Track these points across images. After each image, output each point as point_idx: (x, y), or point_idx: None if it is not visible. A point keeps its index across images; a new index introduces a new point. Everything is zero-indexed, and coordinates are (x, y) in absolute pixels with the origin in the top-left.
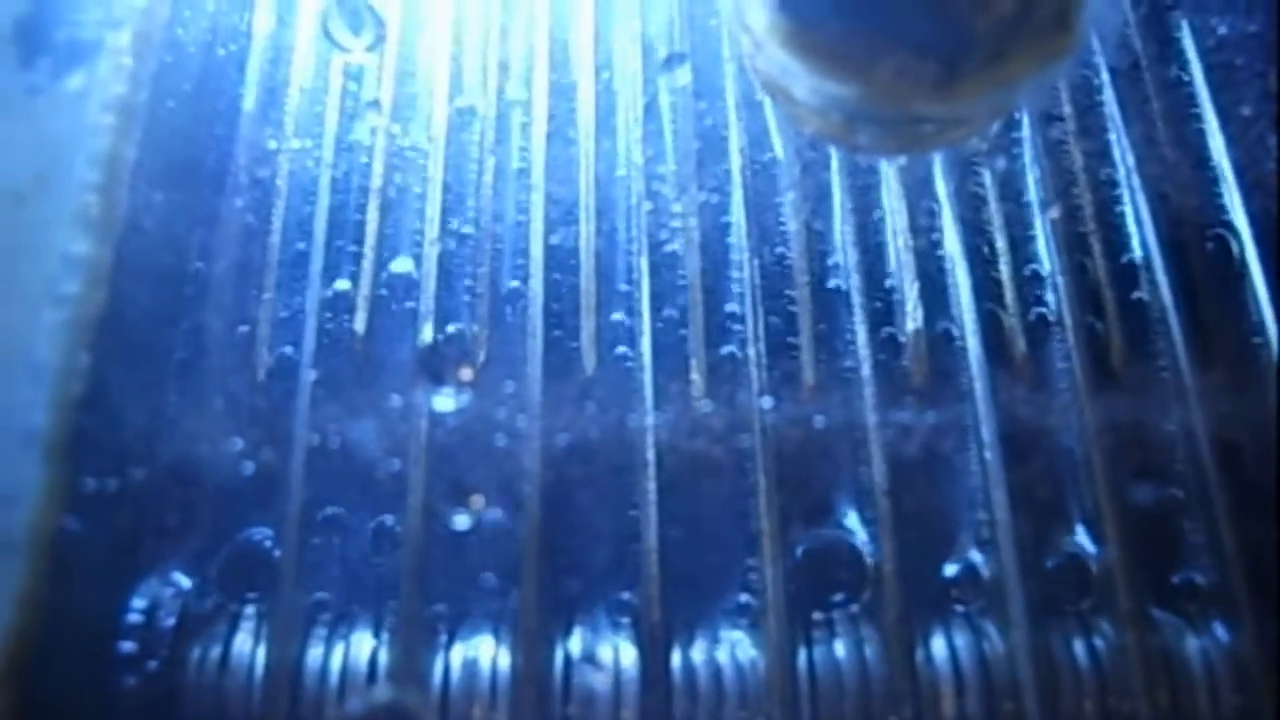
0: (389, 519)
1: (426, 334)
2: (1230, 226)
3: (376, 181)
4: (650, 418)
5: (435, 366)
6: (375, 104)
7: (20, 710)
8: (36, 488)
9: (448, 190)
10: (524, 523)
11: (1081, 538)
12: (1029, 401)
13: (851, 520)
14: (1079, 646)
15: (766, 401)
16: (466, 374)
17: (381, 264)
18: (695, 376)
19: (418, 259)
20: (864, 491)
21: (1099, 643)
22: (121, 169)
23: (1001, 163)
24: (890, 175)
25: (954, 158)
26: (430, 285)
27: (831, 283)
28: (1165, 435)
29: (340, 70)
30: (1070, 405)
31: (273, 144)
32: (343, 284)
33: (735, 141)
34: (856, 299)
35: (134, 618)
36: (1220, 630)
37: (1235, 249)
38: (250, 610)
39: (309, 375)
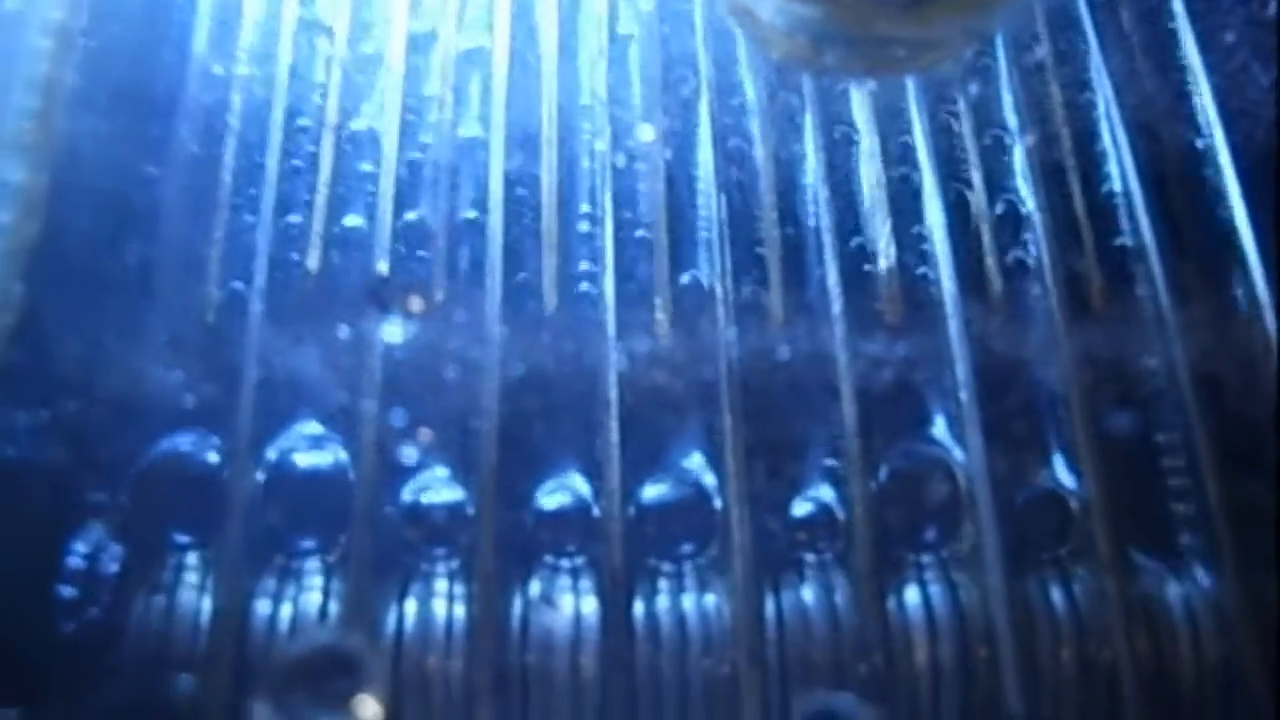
0: (341, 456)
1: (381, 267)
2: (1211, 155)
3: (332, 116)
4: (613, 353)
5: (387, 299)
6: (329, 30)
7: None
8: None
9: (405, 121)
10: (480, 462)
11: (1059, 478)
12: (1004, 335)
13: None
14: (1056, 593)
15: (731, 334)
16: (418, 306)
17: (335, 198)
18: (660, 313)
19: (373, 193)
20: (832, 432)
21: (1077, 589)
22: (60, 94)
23: (975, 89)
24: (861, 103)
25: (927, 84)
26: (386, 219)
27: (801, 214)
28: (1144, 370)
29: None
30: (1047, 339)
31: (221, 71)
32: (294, 218)
33: (703, 69)
34: (825, 234)
35: (74, 562)
36: (1202, 576)
37: (1216, 178)
38: (195, 553)
39: (258, 309)
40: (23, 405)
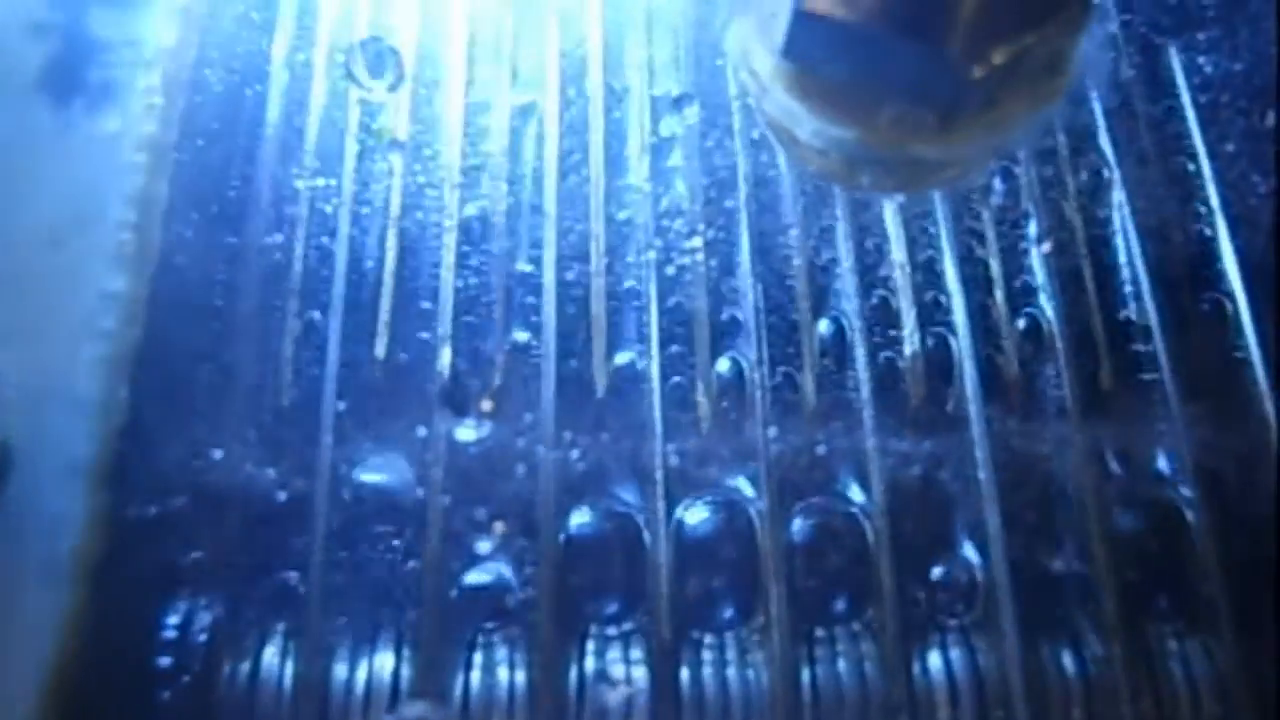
0: (411, 544)
1: (444, 359)
2: (1217, 259)
3: (394, 215)
4: (659, 443)
5: (454, 396)
6: (396, 144)
7: None
8: (80, 515)
9: (464, 226)
10: (541, 547)
11: (1072, 557)
12: (1021, 427)
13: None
14: (1067, 658)
15: (771, 430)
16: (486, 405)
17: (401, 294)
18: (701, 400)
19: (435, 290)
20: (866, 513)
21: (1087, 655)
22: (155, 207)
23: (997, 199)
24: (890, 211)
25: (952, 194)
26: (447, 315)
27: (832, 312)
28: (1152, 461)
29: (358, 108)
30: (1061, 431)
31: (296, 182)
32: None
33: (741, 178)
34: (857, 328)
35: (169, 634)
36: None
37: (1222, 280)
38: (279, 628)
39: (332, 403)
40: (132, 500)
